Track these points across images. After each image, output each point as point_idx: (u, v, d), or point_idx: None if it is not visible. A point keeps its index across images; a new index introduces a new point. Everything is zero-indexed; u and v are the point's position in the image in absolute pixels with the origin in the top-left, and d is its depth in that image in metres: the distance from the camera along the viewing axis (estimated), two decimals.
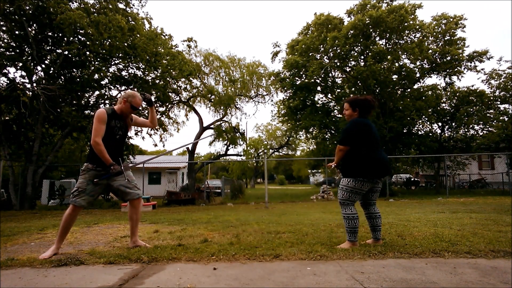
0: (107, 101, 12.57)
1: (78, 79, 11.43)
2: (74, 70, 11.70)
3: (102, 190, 2.87)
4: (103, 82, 12.07)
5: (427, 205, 8.05)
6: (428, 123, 17.10)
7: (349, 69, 16.98)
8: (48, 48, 11.32)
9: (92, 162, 2.71)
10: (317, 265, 2.22)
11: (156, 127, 2.62)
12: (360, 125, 2.75)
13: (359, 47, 15.97)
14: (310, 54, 16.69)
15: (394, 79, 15.74)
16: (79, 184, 2.68)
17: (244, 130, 21.60)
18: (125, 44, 10.65)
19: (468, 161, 16.60)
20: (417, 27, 15.20)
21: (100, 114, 2.67)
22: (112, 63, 11.76)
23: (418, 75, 16.12)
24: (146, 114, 11.16)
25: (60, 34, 10.59)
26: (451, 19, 15.27)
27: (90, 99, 12.75)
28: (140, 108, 2.96)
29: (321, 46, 16.22)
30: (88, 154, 2.82)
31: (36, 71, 11.29)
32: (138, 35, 11.09)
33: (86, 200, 2.68)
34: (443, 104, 16.62)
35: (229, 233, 3.59)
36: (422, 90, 16.13)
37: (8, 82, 10.77)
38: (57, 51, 11.08)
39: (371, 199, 2.86)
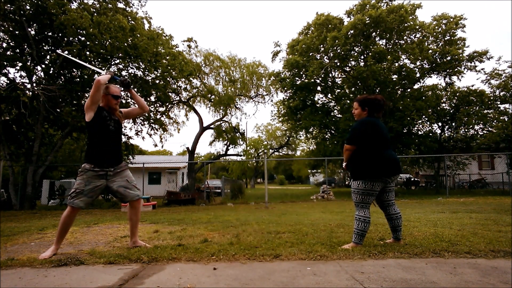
0: None
1: (78, 79, 11.42)
2: (74, 70, 11.69)
3: (101, 191, 2.83)
4: None
5: (427, 205, 8.04)
6: (428, 123, 17.08)
7: (349, 69, 16.99)
8: (48, 48, 11.31)
9: (89, 162, 2.68)
10: (317, 265, 2.22)
11: (147, 111, 2.61)
12: (367, 124, 2.71)
13: (359, 47, 15.98)
14: (310, 54, 16.69)
15: (394, 79, 15.74)
16: (77, 185, 2.66)
17: (244, 130, 21.62)
18: (126, 44, 10.65)
19: (468, 161, 16.58)
20: (417, 27, 15.20)
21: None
22: (112, 63, 11.76)
23: (418, 75, 16.12)
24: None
25: (60, 34, 10.58)
26: (451, 19, 15.27)
27: None
28: (123, 95, 3.00)
29: (321, 46, 16.23)
30: (85, 154, 2.79)
31: (36, 71, 11.28)
32: (139, 35, 11.09)
33: (84, 202, 2.66)
34: (443, 104, 16.59)
35: (229, 233, 3.59)
36: (422, 90, 16.12)
37: (8, 82, 10.77)
38: (57, 51, 11.08)
39: (387, 199, 2.78)
